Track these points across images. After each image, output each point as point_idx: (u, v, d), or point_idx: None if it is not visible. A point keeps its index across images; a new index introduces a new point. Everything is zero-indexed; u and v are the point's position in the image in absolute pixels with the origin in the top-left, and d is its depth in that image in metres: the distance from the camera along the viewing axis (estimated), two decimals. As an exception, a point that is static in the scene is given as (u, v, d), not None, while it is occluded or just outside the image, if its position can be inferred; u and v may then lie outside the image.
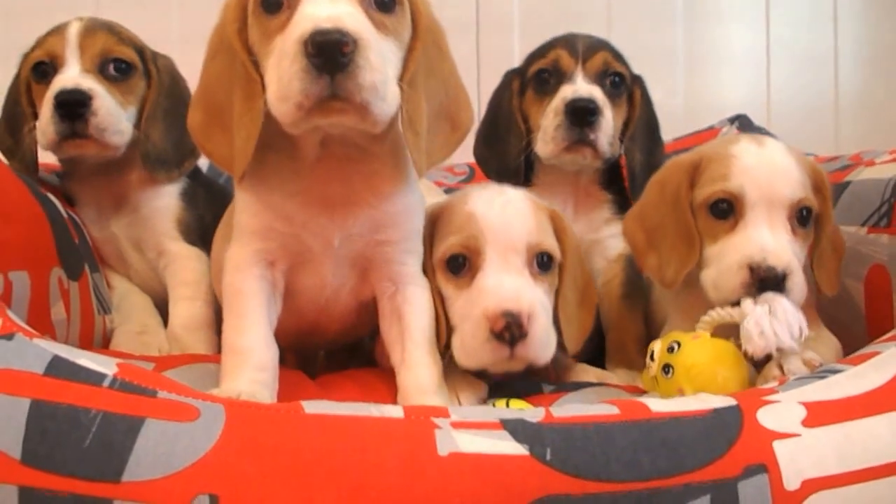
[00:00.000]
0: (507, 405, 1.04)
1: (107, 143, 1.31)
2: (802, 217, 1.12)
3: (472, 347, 1.06)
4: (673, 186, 1.17)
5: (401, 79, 0.94)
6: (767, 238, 1.08)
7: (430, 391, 1.01)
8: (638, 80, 1.50)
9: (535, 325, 1.05)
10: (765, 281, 1.05)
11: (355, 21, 0.85)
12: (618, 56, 1.47)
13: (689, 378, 0.97)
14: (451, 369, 1.15)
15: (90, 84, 1.30)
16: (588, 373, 1.29)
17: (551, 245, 1.14)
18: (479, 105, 1.45)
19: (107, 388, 0.72)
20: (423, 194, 1.13)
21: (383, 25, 0.91)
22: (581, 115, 1.35)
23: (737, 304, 1.05)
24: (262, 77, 0.92)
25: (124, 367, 0.76)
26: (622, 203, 1.47)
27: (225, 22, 0.98)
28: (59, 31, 1.36)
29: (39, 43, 1.38)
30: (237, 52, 0.96)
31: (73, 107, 1.28)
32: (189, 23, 2.23)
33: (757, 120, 1.97)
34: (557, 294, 1.17)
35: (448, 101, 1.01)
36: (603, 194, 1.48)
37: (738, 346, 1.01)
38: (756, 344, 0.97)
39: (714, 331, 1.05)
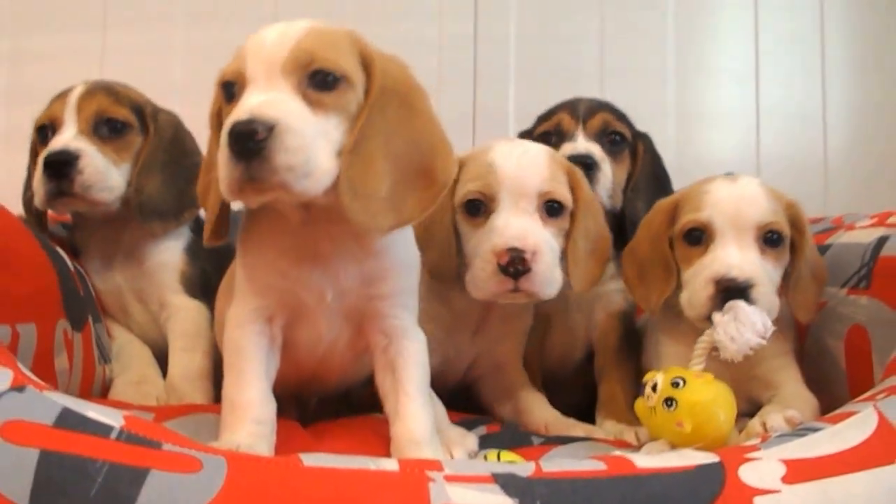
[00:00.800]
0: (499, 457, 1.07)
1: (93, 200, 1.36)
2: (772, 240, 1.21)
3: (481, 280, 1.19)
4: (656, 224, 1.29)
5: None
6: (733, 255, 1.18)
7: (422, 442, 1.03)
8: (642, 137, 1.57)
9: (539, 262, 1.16)
10: (728, 291, 1.14)
11: (276, 108, 0.90)
12: (619, 116, 1.54)
13: (693, 414, 1.01)
14: (443, 424, 1.18)
15: (79, 144, 1.35)
16: (576, 427, 1.32)
17: (562, 194, 1.25)
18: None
19: (113, 440, 0.75)
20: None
21: (321, 104, 0.95)
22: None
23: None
24: None
25: (131, 419, 0.79)
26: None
27: (212, 102, 1.06)
28: (62, 96, 1.42)
29: (46, 108, 1.43)
30: (213, 132, 1.04)
31: (59, 167, 1.32)
32: (191, 72, 2.28)
33: (747, 178, 2.01)
34: (568, 238, 1.27)
35: (421, 158, 1.01)
36: None
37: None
38: (730, 349, 1.04)
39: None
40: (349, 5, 2.32)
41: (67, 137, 1.36)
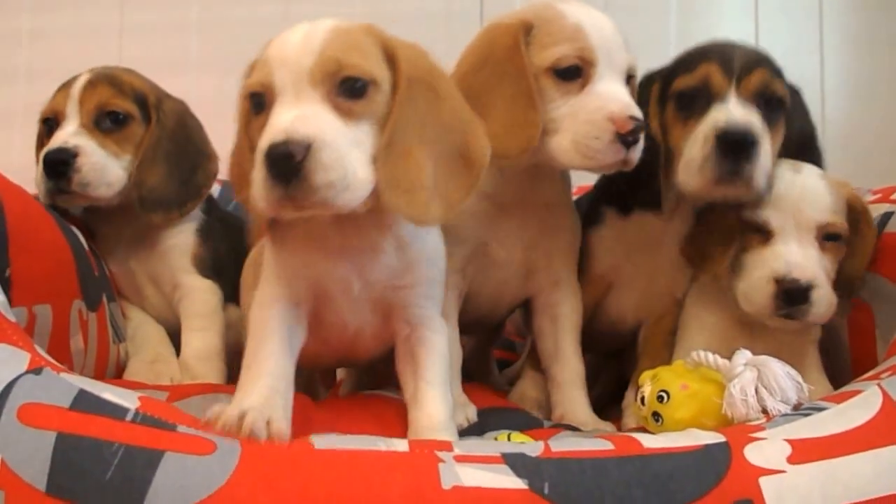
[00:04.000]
0: (509, 438, 1.08)
1: (91, 197, 1.36)
2: (831, 237, 1.18)
3: (591, 148, 1.12)
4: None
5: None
6: (795, 253, 1.15)
7: (439, 428, 1.03)
8: (795, 93, 1.32)
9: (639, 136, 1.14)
10: (790, 292, 1.12)
11: (310, 125, 0.89)
12: (778, 73, 1.27)
13: (679, 429, 0.98)
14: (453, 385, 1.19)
15: (77, 141, 1.35)
16: (587, 424, 1.27)
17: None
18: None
19: (129, 422, 0.76)
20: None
21: (352, 113, 0.93)
22: (736, 147, 1.17)
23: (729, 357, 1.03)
24: None
25: (146, 400, 0.80)
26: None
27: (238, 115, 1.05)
28: (65, 86, 1.41)
29: (51, 99, 1.42)
30: (242, 135, 1.03)
31: (56, 165, 1.33)
32: (207, 47, 2.31)
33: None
34: None
35: (456, 141, 1.00)
36: None
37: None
38: (738, 410, 0.96)
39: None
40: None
41: (67, 134, 1.36)
